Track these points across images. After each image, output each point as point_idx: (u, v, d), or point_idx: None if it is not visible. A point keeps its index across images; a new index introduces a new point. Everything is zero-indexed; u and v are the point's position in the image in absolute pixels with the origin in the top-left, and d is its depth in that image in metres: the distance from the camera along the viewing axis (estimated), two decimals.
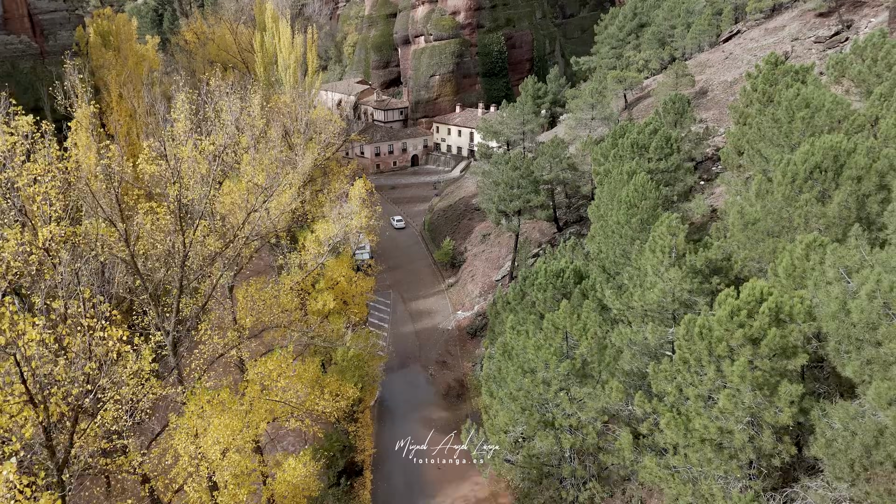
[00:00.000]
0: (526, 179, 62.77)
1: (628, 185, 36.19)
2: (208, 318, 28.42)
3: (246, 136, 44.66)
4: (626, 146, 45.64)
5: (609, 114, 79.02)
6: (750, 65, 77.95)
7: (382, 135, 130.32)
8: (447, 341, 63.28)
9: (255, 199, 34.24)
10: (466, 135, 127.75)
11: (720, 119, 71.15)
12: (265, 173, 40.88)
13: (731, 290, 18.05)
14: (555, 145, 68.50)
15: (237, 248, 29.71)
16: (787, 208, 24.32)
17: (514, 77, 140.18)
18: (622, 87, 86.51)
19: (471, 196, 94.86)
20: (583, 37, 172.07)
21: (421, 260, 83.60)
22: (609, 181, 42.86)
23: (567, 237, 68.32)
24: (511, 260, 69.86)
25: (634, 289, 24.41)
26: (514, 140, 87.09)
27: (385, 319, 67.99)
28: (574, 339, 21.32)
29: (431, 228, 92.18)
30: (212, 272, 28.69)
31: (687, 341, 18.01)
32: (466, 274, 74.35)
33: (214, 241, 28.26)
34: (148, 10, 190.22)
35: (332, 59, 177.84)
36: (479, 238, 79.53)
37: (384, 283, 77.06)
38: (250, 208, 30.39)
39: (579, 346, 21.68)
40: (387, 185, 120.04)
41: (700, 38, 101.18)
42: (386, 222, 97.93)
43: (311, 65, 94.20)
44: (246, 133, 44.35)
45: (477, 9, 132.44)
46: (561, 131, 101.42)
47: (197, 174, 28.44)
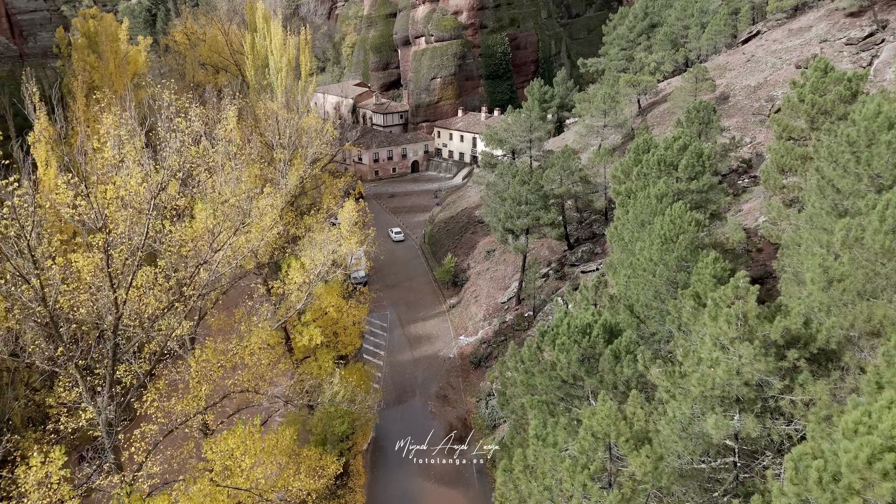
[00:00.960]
0: (535, 194, 57.33)
1: (662, 217, 30.75)
2: (155, 386, 23.13)
3: (219, 152, 39.28)
4: (651, 163, 40.18)
5: (623, 121, 73.61)
6: (775, 68, 72.51)
7: (381, 140, 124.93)
8: (449, 371, 57.84)
9: (218, 238, 28.84)
10: (469, 140, 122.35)
11: (745, 127, 65.69)
12: (231, 205, 35.47)
13: (862, 407, 12.54)
14: (566, 156, 63.05)
15: (191, 301, 24.35)
16: (885, 262, 18.87)
17: (518, 79, 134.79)
18: (636, 92, 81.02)
19: (474, 207, 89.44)
20: (589, 37, 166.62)
21: (421, 277, 78.18)
22: (634, 205, 37.44)
23: (579, 255, 62.95)
24: (518, 281, 64.42)
25: (689, 363, 19.04)
26: (521, 148, 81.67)
27: (381, 346, 62.56)
28: (621, 450, 16.11)
29: (432, 242, 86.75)
30: (161, 327, 23.40)
31: (797, 485, 12.64)
32: (469, 294, 68.91)
33: (162, 294, 22.90)
34: (141, 9, 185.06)
35: (331, 61, 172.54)
36: (482, 254, 74.08)
37: (381, 303, 71.71)
38: (203, 257, 24.95)
39: (627, 460, 16.35)
40: (385, 193, 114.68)
41: (716, 39, 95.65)
42: (384, 234, 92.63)
43: (304, 68, 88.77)
44: (219, 150, 38.99)
45: (480, 8, 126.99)
46: (570, 138, 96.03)
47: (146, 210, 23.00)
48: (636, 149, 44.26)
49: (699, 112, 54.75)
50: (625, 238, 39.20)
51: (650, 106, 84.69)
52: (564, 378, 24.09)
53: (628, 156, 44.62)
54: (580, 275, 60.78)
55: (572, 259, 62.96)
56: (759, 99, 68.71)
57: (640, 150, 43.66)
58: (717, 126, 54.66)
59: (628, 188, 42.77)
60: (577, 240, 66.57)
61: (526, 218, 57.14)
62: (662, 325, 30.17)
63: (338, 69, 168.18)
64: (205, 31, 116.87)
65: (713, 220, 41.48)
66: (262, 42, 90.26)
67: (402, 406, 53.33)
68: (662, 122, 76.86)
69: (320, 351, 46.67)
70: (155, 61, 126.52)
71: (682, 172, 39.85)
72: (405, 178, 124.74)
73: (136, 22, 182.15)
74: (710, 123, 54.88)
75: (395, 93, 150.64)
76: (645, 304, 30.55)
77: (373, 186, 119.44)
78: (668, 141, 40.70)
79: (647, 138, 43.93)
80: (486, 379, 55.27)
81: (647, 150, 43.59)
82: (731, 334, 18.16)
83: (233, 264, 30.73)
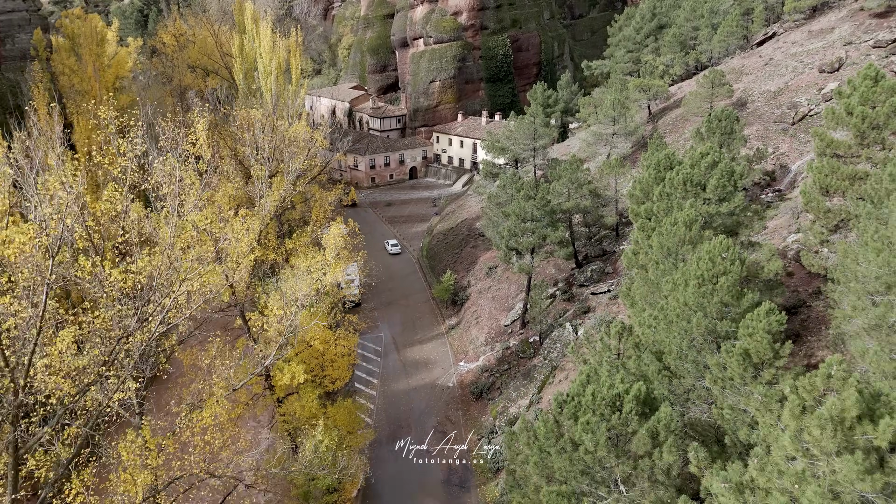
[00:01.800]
0: (541, 210, 52.64)
1: (697, 253, 26.10)
2: (82, 476, 18.50)
3: (190, 170, 34.60)
4: (676, 183, 35.55)
5: (633, 128, 69.03)
6: (796, 72, 67.88)
7: (378, 146, 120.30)
8: (448, 403, 53.17)
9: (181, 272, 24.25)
10: (469, 146, 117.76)
11: (765, 136, 61.04)
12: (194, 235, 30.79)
13: None
14: (573, 167, 58.36)
15: (133, 357, 19.68)
16: None
17: (520, 82, 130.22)
18: (646, 97, 76.37)
19: (474, 218, 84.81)
20: (592, 39, 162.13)
21: (418, 293, 73.50)
22: (659, 231, 32.79)
23: (588, 275, 58.25)
24: (522, 301, 59.76)
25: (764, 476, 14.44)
26: (524, 157, 77.06)
27: (374, 372, 57.89)
28: None
29: (430, 255, 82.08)
30: (89, 402, 18.78)
31: None
32: (470, 315, 64.23)
33: (93, 357, 18.21)
34: (133, 10, 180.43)
35: (327, 63, 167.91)
36: (484, 271, 69.40)
37: (375, 323, 67.07)
38: (157, 297, 20.26)
39: None
40: (382, 201, 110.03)
41: (728, 40, 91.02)
42: (379, 247, 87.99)
43: (295, 71, 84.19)
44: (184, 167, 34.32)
45: (480, 9, 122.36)
46: (575, 145, 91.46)
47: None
48: (657, 165, 39.61)
49: (721, 121, 50.12)
50: (647, 268, 34.57)
51: (661, 112, 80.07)
52: (590, 464, 19.44)
53: (647, 172, 39.96)
54: (590, 296, 56.13)
55: (581, 279, 58.28)
56: (780, 105, 64.08)
57: (661, 166, 39.01)
58: (740, 137, 50.04)
59: (649, 209, 38.13)
60: (585, 257, 61.89)
61: (531, 236, 52.47)
62: (700, 381, 25.53)
63: (334, 72, 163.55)
64: (194, 32, 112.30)
65: (744, 247, 36.81)
66: (252, 44, 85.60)
67: (397, 443, 48.56)
68: (675, 130, 72.26)
69: (304, 388, 42.03)
70: (144, 64, 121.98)
71: (712, 193, 35.20)
72: (403, 185, 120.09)
73: (127, 23, 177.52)
74: (733, 134, 50.26)
75: (393, 96, 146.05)
76: (678, 354, 25.88)
77: (369, 194, 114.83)
78: (695, 157, 36.05)
79: (668, 153, 39.30)
80: (488, 413, 50.62)
81: (671, 167, 38.96)
82: (825, 444, 13.53)
83: (196, 306, 26.10)
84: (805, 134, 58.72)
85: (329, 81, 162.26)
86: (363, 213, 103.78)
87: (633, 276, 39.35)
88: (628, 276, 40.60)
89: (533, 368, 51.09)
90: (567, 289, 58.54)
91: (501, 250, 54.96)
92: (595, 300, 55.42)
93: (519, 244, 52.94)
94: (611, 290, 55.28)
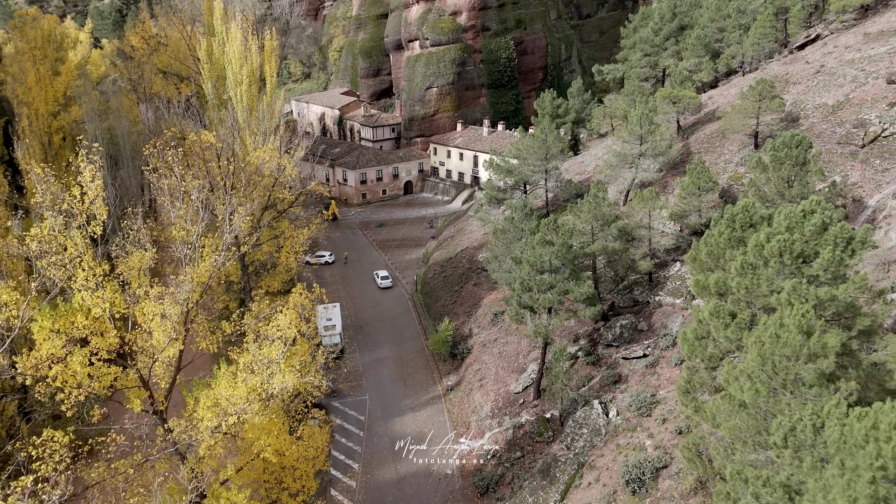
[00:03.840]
0: (562, 258, 42.05)
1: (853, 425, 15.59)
2: None
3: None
4: (769, 253, 24.98)
5: (664, 148, 58.47)
6: (857, 82, 57.37)
7: (369, 158, 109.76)
8: (446, 499, 42.58)
9: None
10: (469, 158, 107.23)
11: (828, 161, 50.50)
12: None
13: None
14: (597, 200, 47.79)
15: None
16: None
17: (524, 88, 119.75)
18: (675, 110, 65.80)
19: (476, 247, 74.29)
20: (602, 40, 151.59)
21: (411, 341, 62.94)
22: (759, 342, 22.21)
23: (617, 332, 47.67)
24: (537, 362, 49.30)
25: None
26: (534, 180, 66.60)
27: (355, 453, 47.35)
28: None
29: (426, 291, 71.51)
30: None
31: None
32: (472, 374, 53.70)
33: None
34: (111, 10, 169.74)
35: (317, 66, 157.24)
36: (488, 316, 58.87)
37: (359, 380, 56.54)
38: None
39: None
40: (373, 221, 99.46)
41: (761, 43, 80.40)
42: (368, 278, 77.46)
43: (270, 80, 73.64)
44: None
45: (481, 8, 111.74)
46: (590, 163, 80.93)
47: None
48: (730, 217, 29.06)
49: (790, 149, 39.62)
50: (728, 381, 23.97)
51: (692, 126, 69.51)
52: None
53: (718, 229, 29.40)
54: (621, 361, 45.63)
55: (608, 336, 47.73)
56: (842, 123, 53.60)
57: (739, 223, 28.47)
58: (816, 169, 39.55)
59: (721, 283, 27.68)
60: (612, 307, 51.34)
61: (550, 292, 41.89)
62: None
63: (324, 76, 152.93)
64: (166, 34, 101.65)
65: (863, 339, 26.24)
66: (223, 49, 74.80)
67: None
68: (712, 149, 61.74)
69: None
70: (118, 68, 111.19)
71: (821, 270, 24.63)
72: (397, 201, 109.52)
73: (104, 24, 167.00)
74: (806, 165, 39.78)
75: (387, 102, 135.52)
76: None
77: (359, 212, 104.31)
78: (794, 216, 25.45)
79: (748, 205, 28.72)
80: None
81: (751, 224, 28.41)
82: None
83: None
84: (880, 159, 48.26)
85: (319, 86, 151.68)
86: (352, 236, 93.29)
87: (698, 373, 28.82)
88: (691, 373, 30.08)
89: (553, 462, 40.49)
90: (591, 349, 48.00)
91: (512, 307, 44.34)
92: (628, 366, 44.91)
93: (534, 302, 42.34)
94: (647, 354, 44.77)
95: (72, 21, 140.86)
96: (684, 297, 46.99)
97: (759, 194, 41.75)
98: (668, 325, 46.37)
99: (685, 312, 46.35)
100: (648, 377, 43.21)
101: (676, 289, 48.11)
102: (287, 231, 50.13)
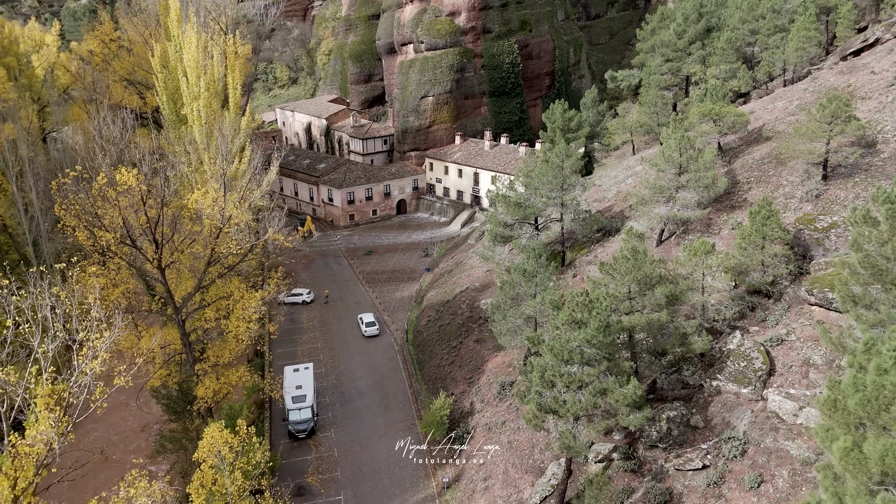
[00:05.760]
0: (597, 345, 30.99)
1: None
2: None
3: None
4: None
5: (710, 181, 47.49)
6: None
7: (358, 175, 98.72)
8: None
9: None
10: (469, 175, 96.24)
11: None
12: None
13: None
14: (636, 255, 36.72)
15: None
16: None
17: (530, 96, 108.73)
18: (717, 131, 54.78)
19: (477, 288, 63.29)
20: (611, 42, 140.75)
21: (398, 410, 51.95)
22: None
23: (664, 429, 36.63)
24: (560, 463, 38.27)
25: None
26: (547, 213, 55.68)
27: None
28: None
29: (419, 342, 60.49)
30: None
31: None
32: (474, 468, 42.66)
33: None
34: (85, 11, 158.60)
35: (304, 71, 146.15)
36: (494, 388, 47.89)
37: (332, 471, 45.49)
38: None
39: None
40: (361, 247, 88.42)
41: (806, 48, 69.54)
42: (351, 323, 66.46)
43: (233, 93, 62.74)
44: None
45: (482, 8, 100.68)
46: (610, 187, 69.82)
47: None
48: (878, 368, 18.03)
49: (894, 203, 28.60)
50: None
51: (737, 148, 58.46)
52: None
53: (876, 363, 18.36)
54: (672, 472, 34.60)
55: (653, 434, 36.69)
56: None
57: None
58: None
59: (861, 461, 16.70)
60: (652, 387, 40.30)
61: (581, 392, 30.84)
62: None
63: (312, 81, 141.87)
64: (129, 37, 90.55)
65: None
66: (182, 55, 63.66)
67: None
68: (765, 178, 50.76)
69: None
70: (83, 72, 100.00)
71: None
72: (388, 223, 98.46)
73: (77, 25, 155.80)
74: None
75: (380, 109, 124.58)
76: None
77: (346, 236, 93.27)
78: None
79: None
80: None
81: None
82: None
83: None
84: None
85: (306, 92, 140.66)
86: (335, 267, 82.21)
87: None
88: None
89: None
90: (629, 452, 36.93)
91: (528, 406, 33.29)
92: (681, 480, 33.92)
93: (559, 405, 31.27)
94: (707, 464, 33.76)
95: (36, 23, 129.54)
96: (752, 384, 35.97)
97: (864, 257, 30.70)
98: (732, 422, 35.41)
99: (754, 406, 35.39)
100: (712, 500, 32.22)
101: (740, 372, 37.05)
102: (237, 292, 39.02)
